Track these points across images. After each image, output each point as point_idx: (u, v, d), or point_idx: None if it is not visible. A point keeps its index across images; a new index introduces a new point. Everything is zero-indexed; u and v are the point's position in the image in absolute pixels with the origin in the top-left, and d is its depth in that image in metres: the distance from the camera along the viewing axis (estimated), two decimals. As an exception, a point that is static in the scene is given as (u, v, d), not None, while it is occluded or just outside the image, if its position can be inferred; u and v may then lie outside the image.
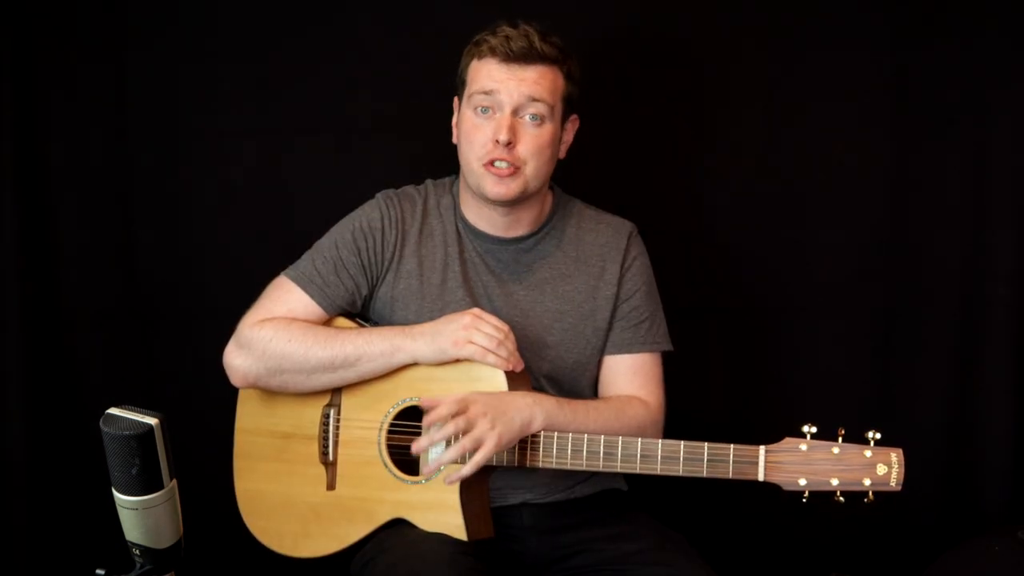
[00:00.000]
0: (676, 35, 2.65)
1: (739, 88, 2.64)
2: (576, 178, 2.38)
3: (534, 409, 2.05)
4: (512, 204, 2.19)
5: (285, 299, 2.20)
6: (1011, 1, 2.56)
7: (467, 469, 2.01)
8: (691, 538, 2.20)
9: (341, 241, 2.23)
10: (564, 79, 2.17)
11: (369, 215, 2.25)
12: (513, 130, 2.12)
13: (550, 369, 2.21)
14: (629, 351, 2.24)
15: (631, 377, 2.24)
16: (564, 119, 2.21)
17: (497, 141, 2.12)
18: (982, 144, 2.60)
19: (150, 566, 1.68)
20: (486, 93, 2.13)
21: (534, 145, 2.14)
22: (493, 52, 2.13)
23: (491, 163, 2.14)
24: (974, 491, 2.64)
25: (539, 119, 2.14)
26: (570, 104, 2.21)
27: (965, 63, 2.56)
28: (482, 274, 2.24)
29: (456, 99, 2.23)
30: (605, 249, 2.26)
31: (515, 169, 2.14)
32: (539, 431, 2.05)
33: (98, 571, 1.68)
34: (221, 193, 2.70)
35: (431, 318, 2.15)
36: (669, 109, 2.66)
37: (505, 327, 2.09)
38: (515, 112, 2.13)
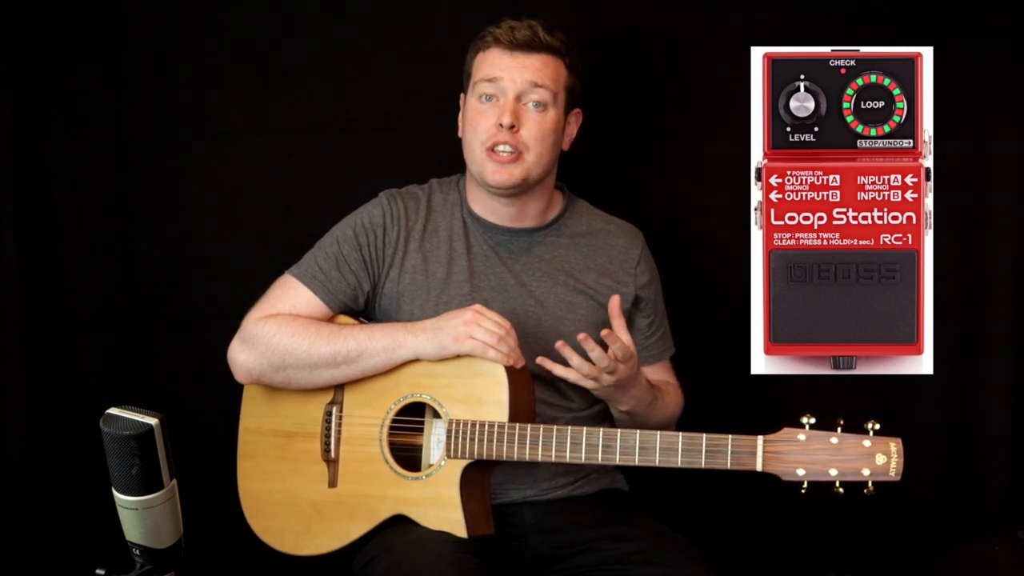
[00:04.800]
0: (675, 35, 2.65)
1: (736, 87, 2.64)
2: (574, 178, 2.38)
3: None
4: (514, 194, 2.20)
5: (289, 295, 2.21)
6: (1011, 1, 2.56)
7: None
8: (691, 538, 2.20)
9: (343, 237, 2.24)
10: (567, 70, 2.21)
11: (371, 212, 2.26)
12: (516, 115, 2.16)
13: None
14: (646, 363, 2.31)
15: (659, 376, 2.35)
16: (567, 110, 2.23)
17: (501, 125, 2.14)
18: (982, 144, 2.60)
19: (150, 566, 1.68)
20: (490, 80, 2.17)
21: (537, 131, 2.17)
22: (497, 41, 2.18)
23: (493, 149, 2.16)
24: (974, 491, 2.64)
25: (542, 105, 2.17)
26: (573, 96, 2.24)
27: (965, 63, 2.56)
28: (494, 266, 2.25)
29: (462, 95, 2.25)
30: (615, 251, 2.30)
31: (517, 155, 2.16)
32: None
33: (98, 571, 1.68)
34: (221, 193, 2.70)
35: (436, 313, 2.16)
36: (668, 108, 2.67)
37: (506, 323, 2.09)
38: (518, 98, 2.16)
